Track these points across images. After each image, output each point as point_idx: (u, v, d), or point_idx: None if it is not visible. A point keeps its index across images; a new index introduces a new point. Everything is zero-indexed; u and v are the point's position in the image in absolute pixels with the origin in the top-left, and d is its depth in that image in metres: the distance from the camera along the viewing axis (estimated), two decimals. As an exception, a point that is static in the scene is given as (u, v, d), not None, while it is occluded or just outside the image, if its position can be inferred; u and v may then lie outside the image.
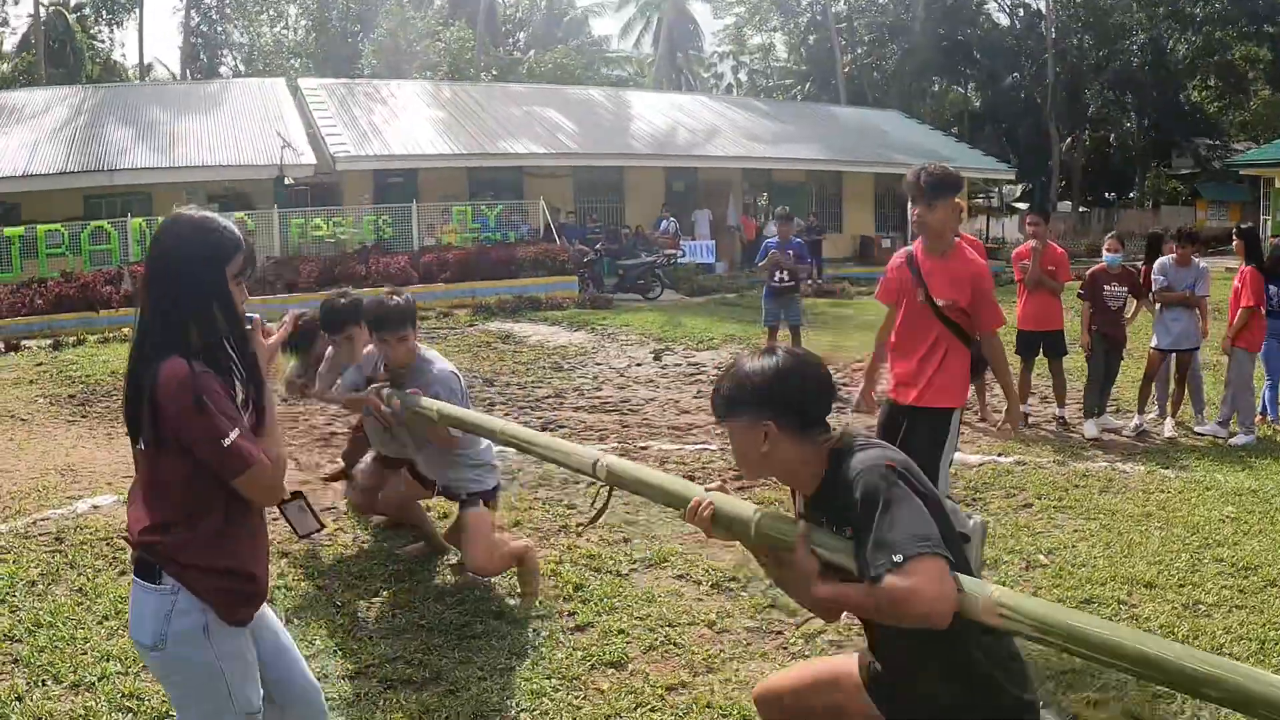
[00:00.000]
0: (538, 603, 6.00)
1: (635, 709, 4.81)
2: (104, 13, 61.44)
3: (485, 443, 6.07)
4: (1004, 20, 61.05)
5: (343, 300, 6.95)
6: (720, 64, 75.62)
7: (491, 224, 28.89)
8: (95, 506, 8.28)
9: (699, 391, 12.86)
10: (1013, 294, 11.57)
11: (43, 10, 50.47)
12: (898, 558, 2.63)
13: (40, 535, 7.47)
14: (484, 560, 5.97)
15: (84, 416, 12.51)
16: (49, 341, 19.42)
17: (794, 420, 3.02)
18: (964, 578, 2.69)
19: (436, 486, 6.39)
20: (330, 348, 7.24)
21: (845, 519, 2.89)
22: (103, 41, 62.35)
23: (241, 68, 63.91)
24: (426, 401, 5.61)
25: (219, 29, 65.54)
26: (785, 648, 5.43)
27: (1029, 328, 11.08)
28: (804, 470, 3.07)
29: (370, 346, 6.46)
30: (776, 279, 14.14)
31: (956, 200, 6.14)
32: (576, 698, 4.91)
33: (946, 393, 6.17)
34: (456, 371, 6.11)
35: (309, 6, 58.78)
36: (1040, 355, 11.25)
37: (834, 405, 3.11)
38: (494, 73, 52.84)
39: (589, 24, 68.95)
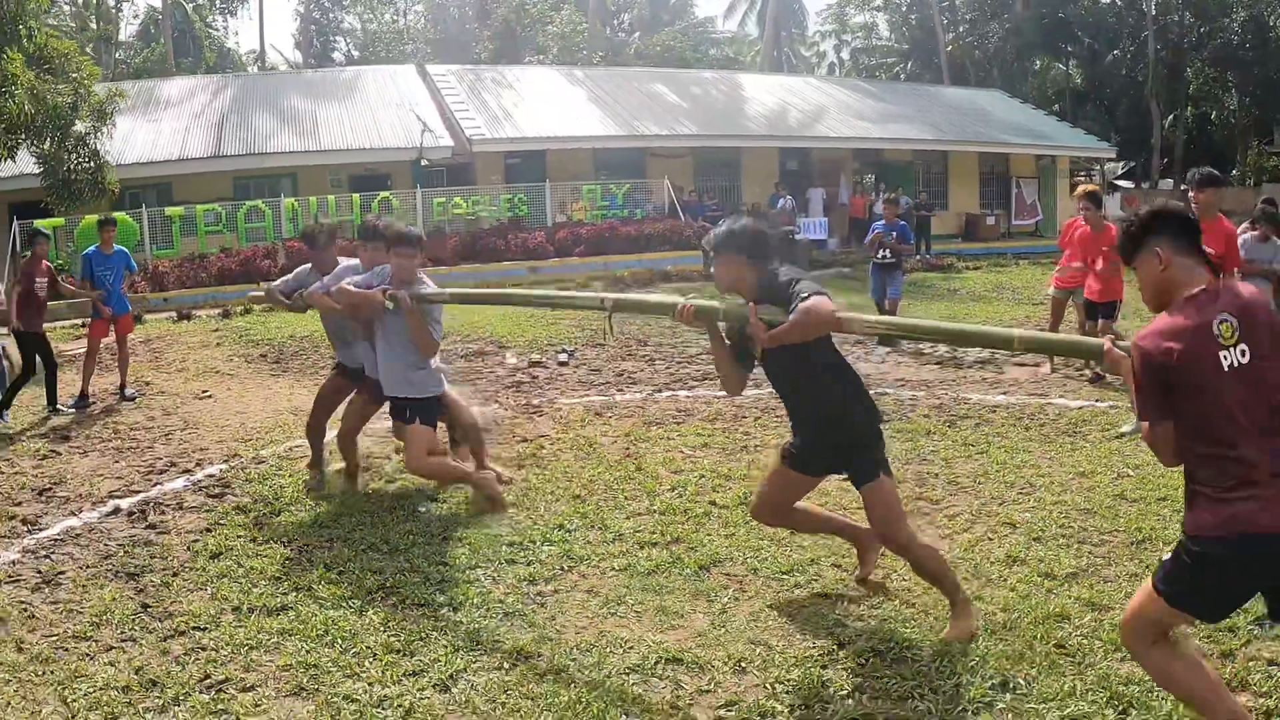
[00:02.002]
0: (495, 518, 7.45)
1: (829, 557, 6.33)
2: (218, 2, 63.55)
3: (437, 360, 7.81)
4: (1105, -3, 60.79)
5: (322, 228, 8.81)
6: (823, 43, 76.07)
7: (620, 202, 30.24)
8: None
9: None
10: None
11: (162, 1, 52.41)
12: (805, 295, 4.88)
13: (301, 457, 9.07)
14: (417, 462, 7.51)
15: (285, 371, 14.11)
16: (217, 311, 20.95)
17: (758, 256, 5.28)
18: (848, 313, 5.05)
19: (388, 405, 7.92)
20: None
21: (774, 300, 5.06)
22: (218, 30, 64.27)
23: (355, 54, 65.57)
24: (435, 290, 7.54)
25: (333, 16, 67.23)
26: (931, 520, 6.96)
27: (1094, 299, 11.95)
28: (751, 281, 5.23)
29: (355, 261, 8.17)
30: (880, 256, 15.28)
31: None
32: (790, 551, 6.46)
33: None
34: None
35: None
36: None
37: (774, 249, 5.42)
38: (601, 55, 53.89)
39: (693, 5, 69.74)
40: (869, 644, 5.10)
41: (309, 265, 8.49)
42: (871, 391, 5.67)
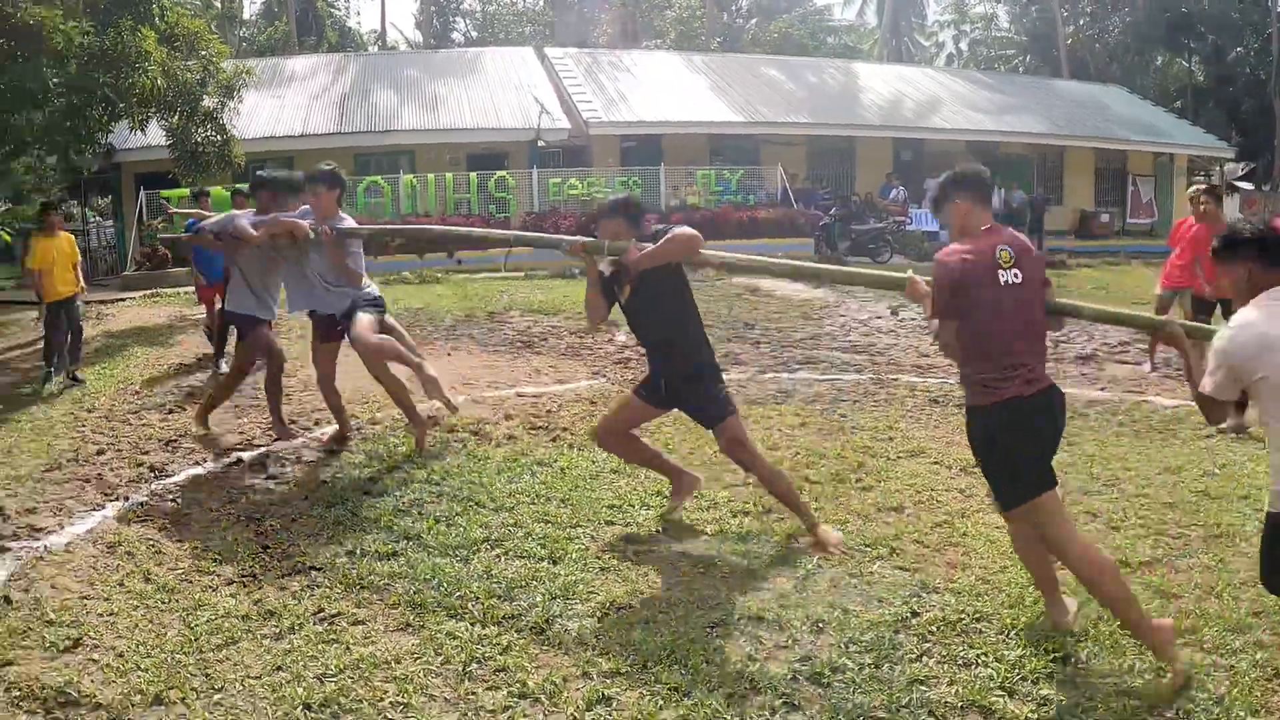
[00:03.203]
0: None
1: (913, 533, 6.60)
2: (340, -20, 64.61)
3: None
4: (1228, -10, 59.27)
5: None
6: (941, 33, 75.25)
7: (733, 188, 30.26)
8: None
9: (933, 342, 14.15)
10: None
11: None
12: (669, 230, 6.24)
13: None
14: (365, 341, 8.38)
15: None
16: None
17: (634, 220, 6.58)
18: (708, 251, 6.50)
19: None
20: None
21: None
22: (339, 10, 65.21)
23: (474, 34, 66.25)
24: (352, 225, 8.61)
25: (453, -3, 67.90)
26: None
27: (1203, 296, 11.93)
28: (630, 236, 6.50)
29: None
30: None
31: None
32: (875, 526, 6.75)
33: None
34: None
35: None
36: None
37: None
38: (718, 40, 53.96)
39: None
40: (941, 613, 5.35)
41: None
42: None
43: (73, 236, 13.57)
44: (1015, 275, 4.92)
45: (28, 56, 13.33)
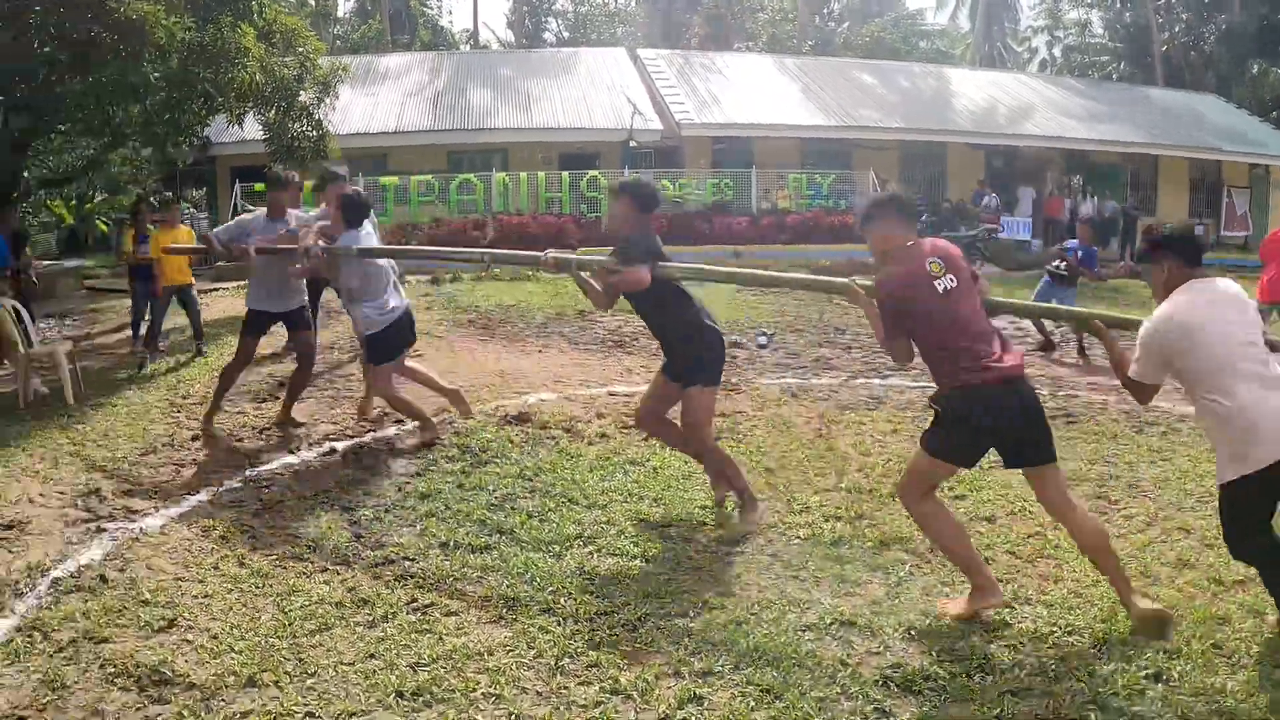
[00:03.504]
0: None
1: (1005, 544, 6.51)
2: (433, -21, 65.22)
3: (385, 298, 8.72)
4: (1327, -2, 57.96)
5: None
6: (1034, 39, 74.35)
7: (825, 192, 30.08)
8: (542, 399, 10.45)
9: (1026, 351, 13.90)
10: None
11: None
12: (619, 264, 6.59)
13: (503, 416, 9.55)
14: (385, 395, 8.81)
15: (491, 337, 14.58)
16: (427, 277, 21.59)
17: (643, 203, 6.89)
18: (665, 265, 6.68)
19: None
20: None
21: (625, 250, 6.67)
22: (431, 8, 65.77)
23: (565, 34, 66.52)
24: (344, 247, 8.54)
25: (545, -3, 68.17)
26: (1108, 519, 7.10)
27: (1265, 300, 11.85)
28: (631, 223, 6.86)
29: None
30: (1055, 265, 14.79)
31: None
32: (969, 535, 6.43)
33: None
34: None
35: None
36: None
37: None
38: (810, 44, 53.80)
39: (903, -5, 68.70)
40: (1033, 625, 5.27)
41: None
42: (1063, 393, 5.90)
43: (191, 230, 13.93)
44: (951, 280, 5.31)
45: (131, 51, 13.53)
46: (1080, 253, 14.80)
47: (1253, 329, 5.00)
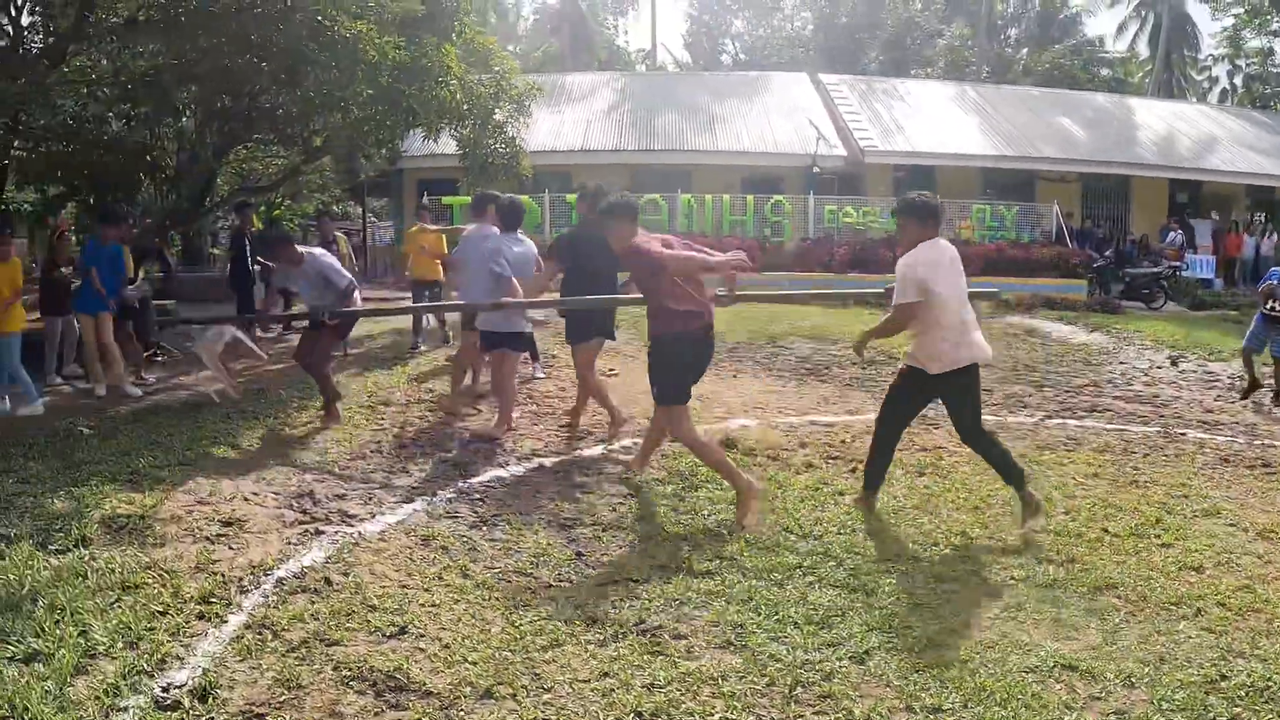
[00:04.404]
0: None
1: (1214, 595, 6.31)
2: (610, 1, 65.99)
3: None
4: None
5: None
6: (1215, 67, 72.28)
7: (1008, 224, 29.67)
8: (744, 425, 10.50)
9: (1217, 395, 13.56)
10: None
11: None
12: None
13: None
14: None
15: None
16: (608, 296, 21.77)
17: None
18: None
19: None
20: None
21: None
22: (609, 29, 66.44)
23: (743, 57, 66.61)
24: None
25: (723, 19, 68.40)
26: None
27: None
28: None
29: None
30: (1270, 307, 14.07)
31: None
32: (1177, 585, 6.50)
33: None
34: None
35: (819, 4, 60.76)
36: None
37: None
38: (988, 70, 53.13)
39: (1082, 23, 67.37)
40: (1249, 679, 5.15)
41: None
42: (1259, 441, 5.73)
43: (441, 234, 15.99)
44: None
45: (341, 67, 13.95)
46: None
47: None
